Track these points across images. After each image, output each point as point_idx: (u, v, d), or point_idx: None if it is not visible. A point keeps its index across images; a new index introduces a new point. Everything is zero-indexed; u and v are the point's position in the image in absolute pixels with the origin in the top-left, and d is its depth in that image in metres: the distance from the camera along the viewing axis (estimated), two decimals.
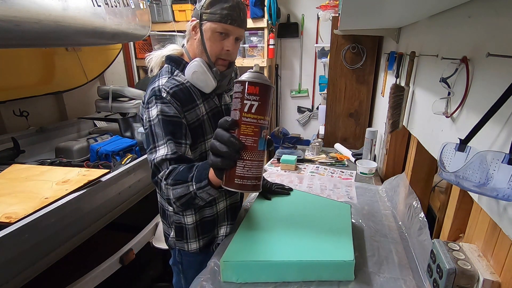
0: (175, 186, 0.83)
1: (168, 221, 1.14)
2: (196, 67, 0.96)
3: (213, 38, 0.95)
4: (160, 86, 0.94)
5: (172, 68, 1.02)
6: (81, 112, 2.85)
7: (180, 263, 1.17)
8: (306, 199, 1.26)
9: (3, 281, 1.14)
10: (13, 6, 1.25)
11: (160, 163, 0.87)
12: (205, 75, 0.97)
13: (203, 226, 1.10)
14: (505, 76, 0.60)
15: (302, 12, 3.50)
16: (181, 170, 0.84)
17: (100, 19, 1.74)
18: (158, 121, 0.90)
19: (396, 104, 1.32)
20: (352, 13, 1.19)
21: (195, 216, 1.08)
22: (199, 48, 0.99)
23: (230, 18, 0.93)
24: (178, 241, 1.12)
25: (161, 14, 3.22)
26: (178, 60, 1.02)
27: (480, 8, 0.74)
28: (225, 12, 0.92)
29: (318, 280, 0.90)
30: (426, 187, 1.31)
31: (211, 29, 0.94)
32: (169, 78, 0.97)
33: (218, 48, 0.97)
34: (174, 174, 0.84)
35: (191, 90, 0.99)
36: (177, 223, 1.09)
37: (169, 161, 0.87)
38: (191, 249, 1.11)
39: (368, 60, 2.15)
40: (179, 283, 1.22)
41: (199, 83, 0.98)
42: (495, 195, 0.53)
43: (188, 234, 1.10)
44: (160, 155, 0.88)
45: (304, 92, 3.77)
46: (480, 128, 0.62)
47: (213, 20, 0.93)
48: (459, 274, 0.64)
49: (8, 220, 1.22)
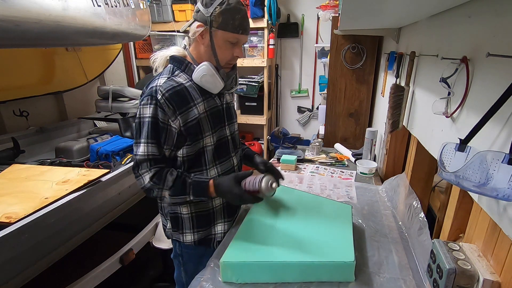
0: (174, 197, 0.99)
1: (163, 212, 1.17)
2: (204, 71, 0.99)
3: (225, 46, 0.99)
4: (157, 87, 0.97)
5: (174, 68, 1.04)
6: (81, 112, 2.85)
7: (180, 255, 1.19)
8: (307, 200, 1.26)
9: (3, 281, 1.14)
10: (13, 6, 1.25)
11: (141, 160, 0.98)
12: (214, 77, 1.01)
13: (198, 219, 1.12)
14: (505, 76, 0.60)
15: (302, 12, 3.50)
16: (175, 184, 0.98)
17: (100, 19, 1.74)
18: (147, 122, 0.96)
19: (396, 104, 1.32)
20: (352, 13, 1.19)
21: (190, 207, 1.10)
22: (207, 53, 1.02)
23: (241, 28, 0.97)
24: (174, 232, 1.15)
25: (161, 14, 3.22)
26: (181, 60, 1.04)
27: (480, 8, 0.74)
28: (237, 23, 0.96)
29: (318, 281, 0.90)
30: (426, 187, 1.31)
31: (223, 38, 0.98)
32: (168, 79, 1.00)
33: (229, 55, 1.02)
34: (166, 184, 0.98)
35: (188, 91, 1.01)
36: (172, 213, 1.13)
37: (149, 161, 0.98)
38: (186, 240, 1.13)
39: (368, 60, 2.15)
40: (179, 277, 1.24)
41: (207, 85, 1.02)
42: (495, 195, 0.53)
43: (183, 225, 1.12)
44: (140, 152, 0.97)
45: (304, 92, 3.77)
46: (480, 128, 0.62)
47: (226, 29, 0.96)
48: (459, 274, 0.64)
49: (8, 220, 1.22)
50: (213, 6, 0.95)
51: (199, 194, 0.99)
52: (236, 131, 1.21)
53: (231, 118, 1.17)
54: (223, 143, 1.12)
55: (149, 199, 1.08)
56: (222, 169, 1.12)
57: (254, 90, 3.37)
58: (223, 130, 1.12)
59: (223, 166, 1.13)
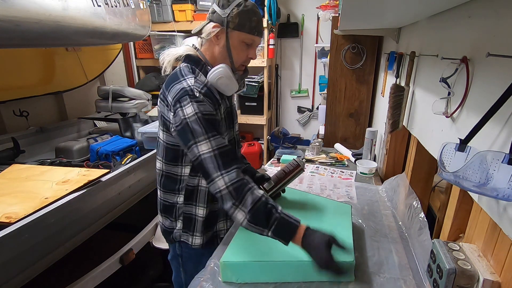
0: (251, 224, 0.87)
1: (176, 213, 1.12)
2: (221, 73, 0.99)
3: (240, 47, 1.00)
4: (192, 86, 0.94)
5: (193, 68, 1.02)
6: (81, 112, 2.85)
7: (180, 255, 1.18)
8: (307, 199, 1.26)
9: (3, 281, 1.14)
10: (13, 6, 1.25)
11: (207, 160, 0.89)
12: (231, 80, 1.01)
13: (209, 219, 1.11)
14: (505, 76, 0.60)
15: (302, 12, 3.50)
16: (256, 209, 0.86)
17: (100, 19, 1.74)
18: (197, 119, 0.90)
19: (396, 104, 1.31)
20: (352, 13, 1.19)
21: (206, 210, 1.09)
22: (222, 54, 1.01)
23: (257, 30, 0.99)
24: (184, 233, 1.12)
25: (161, 14, 3.22)
26: (198, 60, 1.04)
27: (480, 8, 0.74)
28: (254, 24, 0.97)
29: (318, 281, 0.90)
30: (426, 187, 1.31)
31: (239, 38, 0.98)
32: (195, 79, 0.98)
33: (244, 56, 1.02)
34: (244, 204, 0.86)
35: (213, 91, 1.01)
36: (187, 214, 1.10)
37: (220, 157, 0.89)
38: (194, 243, 1.12)
39: (368, 60, 2.15)
40: (178, 278, 1.22)
41: (222, 87, 1.01)
42: (495, 195, 0.53)
43: (195, 227, 1.11)
44: (204, 149, 0.89)
45: (304, 92, 3.77)
46: (480, 128, 0.62)
47: (243, 30, 0.97)
48: (459, 274, 0.64)
49: (8, 220, 1.22)
50: (230, 7, 0.95)
51: (281, 235, 0.87)
52: (237, 132, 1.22)
53: (235, 119, 1.19)
54: (232, 144, 1.13)
55: (149, 199, 1.07)
56: None
57: (254, 90, 3.37)
58: (232, 131, 1.14)
59: None
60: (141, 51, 3.49)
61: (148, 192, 2.04)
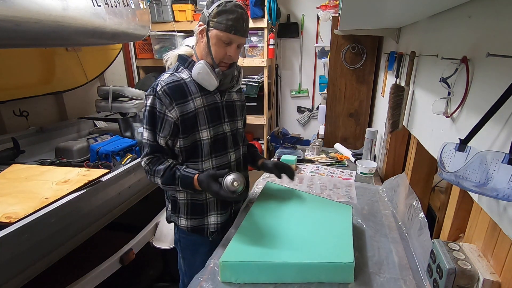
0: (165, 185, 1.10)
1: (167, 196, 1.26)
2: (200, 68, 1.07)
3: (218, 44, 1.06)
4: (160, 81, 1.08)
5: (179, 65, 1.14)
6: (81, 112, 2.85)
7: (179, 240, 1.28)
8: (307, 200, 1.26)
9: (3, 281, 1.14)
10: (13, 6, 1.25)
11: (144, 144, 1.11)
12: (209, 75, 1.07)
13: (193, 207, 1.19)
14: (505, 76, 0.60)
15: (302, 12, 3.50)
16: (165, 174, 1.08)
17: (100, 19, 1.74)
18: (147, 111, 1.08)
19: (396, 104, 1.32)
20: (352, 13, 1.19)
21: (186, 194, 1.18)
22: (205, 51, 1.09)
23: (234, 28, 1.03)
24: (173, 214, 1.24)
25: (161, 14, 3.22)
26: (186, 58, 1.14)
27: (480, 8, 0.74)
28: (230, 23, 1.02)
29: (318, 281, 0.90)
30: (426, 187, 1.31)
31: (217, 36, 1.04)
32: (171, 74, 1.11)
33: (222, 53, 1.07)
34: (158, 172, 1.09)
35: (187, 85, 1.10)
36: (172, 197, 1.22)
37: (149, 146, 1.10)
38: (180, 224, 1.22)
39: (368, 60, 2.14)
40: (179, 264, 1.31)
41: (204, 82, 1.09)
42: (495, 195, 0.53)
43: (179, 210, 1.21)
44: (144, 136, 1.10)
45: (304, 92, 3.77)
46: (480, 128, 0.62)
47: (219, 28, 1.03)
48: (459, 274, 0.64)
49: (8, 220, 1.22)
50: (212, 7, 1.02)
51: (187, 187, 1.08)
52: (240, 129, 1.25)
53: (233, 115, 1.21)
54: (220, 138, 1.17)
55: (149, 199, 1.10)
56: (217, 162, 1.17)
57: (254, 90, 3.37)
58: (221, 126, 1.17)
59: (218, 160, 1.17)
60: (141, 51, 3.49)
61: (148, 192, 2.04)
